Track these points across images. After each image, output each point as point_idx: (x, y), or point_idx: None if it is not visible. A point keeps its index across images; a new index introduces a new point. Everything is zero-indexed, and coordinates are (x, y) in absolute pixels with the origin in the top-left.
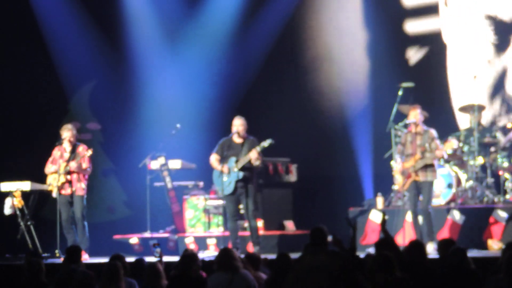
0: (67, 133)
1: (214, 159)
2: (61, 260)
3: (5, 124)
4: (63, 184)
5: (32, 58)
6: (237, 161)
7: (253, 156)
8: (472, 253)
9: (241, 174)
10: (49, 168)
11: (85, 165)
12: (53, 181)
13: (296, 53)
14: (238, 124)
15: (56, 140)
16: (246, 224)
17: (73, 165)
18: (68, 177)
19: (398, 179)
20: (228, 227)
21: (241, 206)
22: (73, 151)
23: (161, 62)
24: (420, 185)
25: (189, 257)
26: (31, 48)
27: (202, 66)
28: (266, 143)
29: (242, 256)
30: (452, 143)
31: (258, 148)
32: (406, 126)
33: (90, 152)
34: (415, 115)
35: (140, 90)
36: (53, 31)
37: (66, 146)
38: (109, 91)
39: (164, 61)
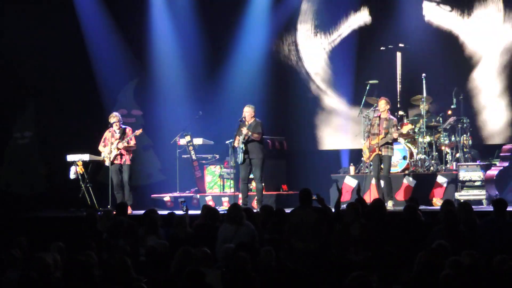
0: (114, 119)
1: (235, 139)
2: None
3: (70, 112)
4: (115, 156)
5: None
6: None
7: (244, 131)
8: (421, 208)
9: (243, 147)
10: (101, 147)
11: (132, 143)
12: (107, 155)
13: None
14: (245, 111)
15: (108, 123)
16: (251, 186)
17: (120, 145)
18: (116, 152)
19: (366, 152)
20: (240, 188)
21: (251, 173)
22: (123, 132)
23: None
24: (381, 157)
25: (213, 212)
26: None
27: (215, 70)
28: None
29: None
30: (408, 126)
31: (244, 129)
32: (374, 112)
33: (140, 131)
34: (383, 104)
35: (170, 85)
36: (98, 45)
37: (115, 128)
38: (148, 86)
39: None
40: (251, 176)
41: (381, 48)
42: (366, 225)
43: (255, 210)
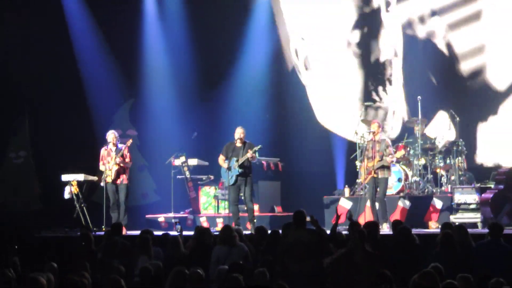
0: (111, 137)
1: (221, 159)
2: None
3: (65, 132)
4: (116, 172)
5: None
6: (237, 160)
7: (249, 155)
8: (416, 231)
9: (240, 170)
10: (102, 166)
11: (127, 159)
12: (108, 172)
13: (287, 77)
14: (239, 132)
15: (103, 143)
16: (245, 208)
17: (118, 160)
18: (116, 168)
19: (362, 174)
20: (231, 210)
21: (241, 194)
22: (117, 150)
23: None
24: (377, 180)
25: (204, 232)
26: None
27: (210, 91)
28: (257, 148)
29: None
30: (402, 152)
31: (251, 151)
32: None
33: (130, 141)
34: (376, 127)
35: (165, 106)
36: (93, 65)
37: (111, 146)
38: (143, 106)
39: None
40: (242, 198)
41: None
42: (371, 253)
43: (248, 232)
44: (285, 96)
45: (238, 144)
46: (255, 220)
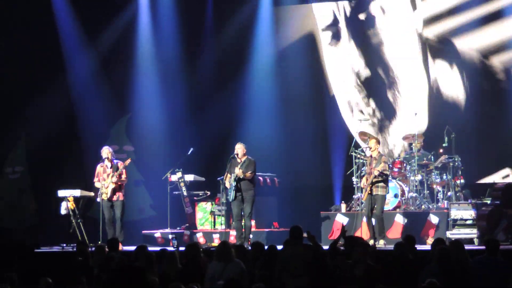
0: (105, 152)
1: (227, 178)
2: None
3: (61, 148)
4: (112, 190)
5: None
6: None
7: (236, 172)
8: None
9: (235, 184)
10: (97, 182)
11: (123, 176)
12: (104, 190)
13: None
14: (237, 148)
15: (98, 159)
16: (243, 223)
17: (114, 179)
18: (112, 186)
19: (363, 191)
20: (234, 226)
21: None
22: (115, 168)
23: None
24: (374, 197)
25: (193, 247)
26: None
27: (207, 106)
28: (244, 165)
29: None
30: (382, 165)
31: (239, 168)
32: (363, 151)
33: (129, 161)
34: (373, 144)
35: (161, 121)
36: (89, 80)
37: (107, 163)
38: (139, 121)
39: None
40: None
41: None
42: (373, 266)
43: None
44: (283, 107)
45: (237, 159)
46: (250, 237)
